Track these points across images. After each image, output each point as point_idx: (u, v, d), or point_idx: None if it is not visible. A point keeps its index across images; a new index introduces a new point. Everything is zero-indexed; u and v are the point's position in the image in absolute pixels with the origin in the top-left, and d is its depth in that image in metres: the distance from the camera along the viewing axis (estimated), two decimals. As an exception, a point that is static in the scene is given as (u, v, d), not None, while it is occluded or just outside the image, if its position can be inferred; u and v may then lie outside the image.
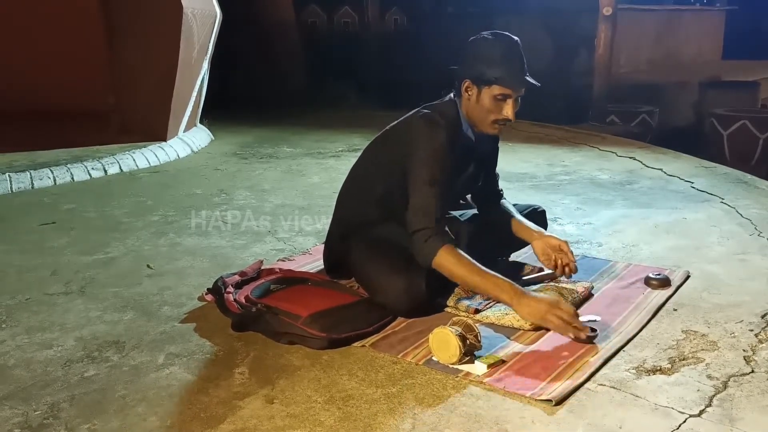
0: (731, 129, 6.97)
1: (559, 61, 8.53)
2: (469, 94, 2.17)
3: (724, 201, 3.46)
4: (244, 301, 2.16)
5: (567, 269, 2.30)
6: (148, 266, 2.71)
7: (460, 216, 2.49)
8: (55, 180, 4.14)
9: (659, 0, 10.84)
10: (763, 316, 2.11)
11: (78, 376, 1.85)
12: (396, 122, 2.32)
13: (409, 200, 2.13)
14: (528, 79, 2.13)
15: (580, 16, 7.96)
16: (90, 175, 4.30)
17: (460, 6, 9.57)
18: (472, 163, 2.34)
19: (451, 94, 2.26)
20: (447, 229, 2.12)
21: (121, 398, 1.74)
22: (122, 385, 1.81)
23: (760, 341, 1.95)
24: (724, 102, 7.66)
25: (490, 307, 2.18)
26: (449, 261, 2.05)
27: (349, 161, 2.47)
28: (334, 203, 2.47)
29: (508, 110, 2.14)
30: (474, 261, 2.06)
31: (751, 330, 2.02)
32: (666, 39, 10.64)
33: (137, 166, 4.57)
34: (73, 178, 4.21)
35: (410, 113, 2.28)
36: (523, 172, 4.26)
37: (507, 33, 2.18)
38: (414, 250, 2.11)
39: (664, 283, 2.34)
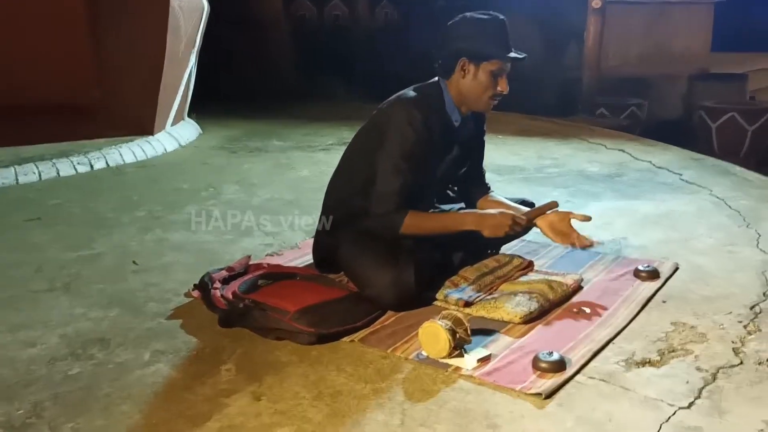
0: (720, 121, 6.99)
1: (549, 54, 8.52)
2: (464, 72, 2.20)
3: (712, 193, 3.46)
4: (231, 296, 2.13)
5: (578, 243, 2.26)
6: (133, 262, 2.67)
7: (449, 210, 2.48)
8: (40, 175, 4.09)
9: (648, -7, 10.84)
10: (751, 308, 2.11)
11: (62, 375, 1.83)
12: (379, 107, 2.32)
13: (375, 181, 2.18)
14: (519, 53, 2.22)
15: (570, 9, 7.94)
16: (76, 170, 4.25)
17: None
18: (455, 146, 2.34)
19: (435, 78, 2.28)
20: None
21: (105, 396, 1.72)
22: (107, 383, 1.78)
23: (749, 333, 1.95)
24: (712, 94, 7.67)
25: (480, 300, 2.17)
26: (416, 221, 2.18)
27: (339, 154, 2.45)
28: (323, 196, 2.44)
29: (504, 84, 2.21)
30: (436, 212, 2.19)
31: (740, 322, 2.02)
32: (655, 32, 10.65)
33: (124, 160, 4.52)
34: (58, 173, 4.16)
35: (394, 96, 2.30)
36: (513, 165, 4.25)
37: (491, 12, 2.24)
38: (379, 228, 2.19)
39: (653, 274, 2.34)
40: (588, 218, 2.29)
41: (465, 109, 2.29)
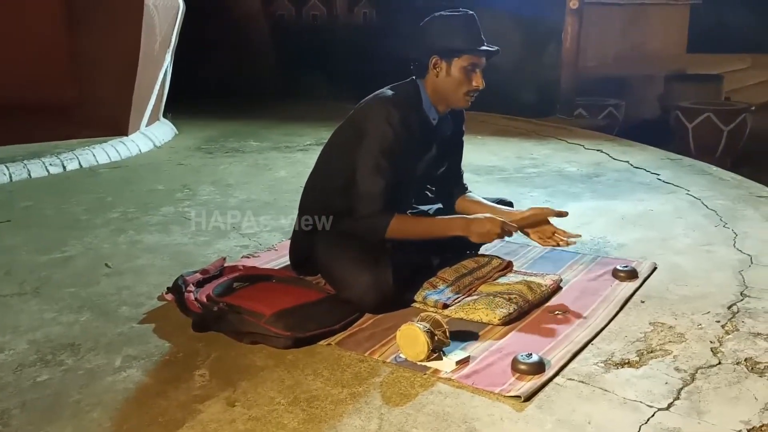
0: (696, 121, 7.06)
1: (527, 54, 8.54)
2: (437, 70, 2.20)
3: (689, 192, 3.48)
4: (205, 300, 2.09)
5: (561, 240, 2.26)
6: (106, 265, 2.62)
7: (428, 210, 2.46)
8: (10, 176, 3.99)
9: (625, -6, 10.94)
10: (729, 307, 2.11)
11: (30, 381, 1.78)
12: (356, 106, 2.30)
13: (355, 182, 2.15)
14: (490, 46, 2.20)
15: (548, 9, 7.98)
16: (48, 171, 4.16)
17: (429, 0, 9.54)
18: (434, 145, 2.32)
19: (412, 78, 2.27)
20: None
21: (75, 403, 1.67)
22: (76, 389, 1.73)
23: (727, 332, 1.95)
24: (688, 95, 7.76)
25: (459, 301, 2.16)
26: (402, 225, 2.15)
27: (317, 155, 2.41)
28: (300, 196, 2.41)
29: (478, 79, 2.19)
30: (422, 216, 2.17)
31: (718, 321, 2.02)
32: (632, 33, 10.74)
33: (97, 161, 4.44)
34: (30, 175, 4.07)
35: (371, 95, 2.28)
36: (492, 165, 4.25)
37: (461, 8, 2.23)
38: (363, 231, 2.16)
39: (632, 275, 2.34)
40: (564, 214, 2.29)
41: (442, 107, 2.28)
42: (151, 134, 5.14)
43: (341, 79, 7.74)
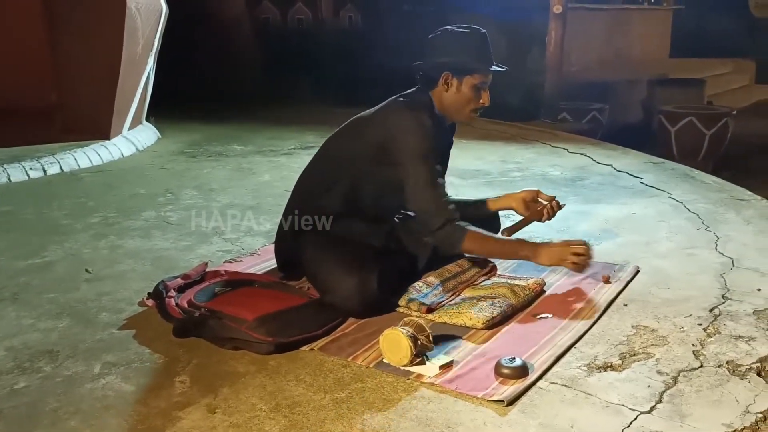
0: (678, 125, 7.12)
1: (512, 59, 8.56)
2: (448, 86, 2.23)
3: (672, 196, 3.50)
4: (186, 305, 2.07)
5: (555, 206, 2.48)
6: (86, 270, 2.58)
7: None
8: (-10, 181, 3.95)
9: (608, -1, 11.03)
10: (710, 310, 2.12)
11: (7, 389, 1.75)
12: (368, 113, 2.30)
13: (415, 192, 2.15)
14: (500, 65, 2.26)
15: (532, 14, 8.02)
16: (28, 175, 4.11)
17: (415, 4, 9.56)
18: (439, 156, 2.33)
19: (418, 87, 2.30)
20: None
21: (52, 411, 1.64)
22: (54, 397, 1.71)
23: (709, 335, 1.96)
24: (671, 99, 7.83)
25: (443, 305, 2.15)
26: (477, 243, 2.19)
27: (302, 159, 2.41)
28: (286, 202, 2.39)
29: (486, 97, 2.27)
30: (490, 233, 2.26)
31: (700, 324, 2.03)
32: (615, 37, 10.83)
33: (79, 165, 4.39)
34: (9, 179, 4.02)
35: (385, 103, 2.29)
36: (476, 169, 4.25)
37: (474, 25, 2.28)
38: (438, 242, 2.20)
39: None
40: (552, 198, 2.48)
41: (448, 120, 2.33)
42: (134, 138, 5.10)
43: (326, 83, 7.73)
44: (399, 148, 2.15)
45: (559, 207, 2.50)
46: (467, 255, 2.31)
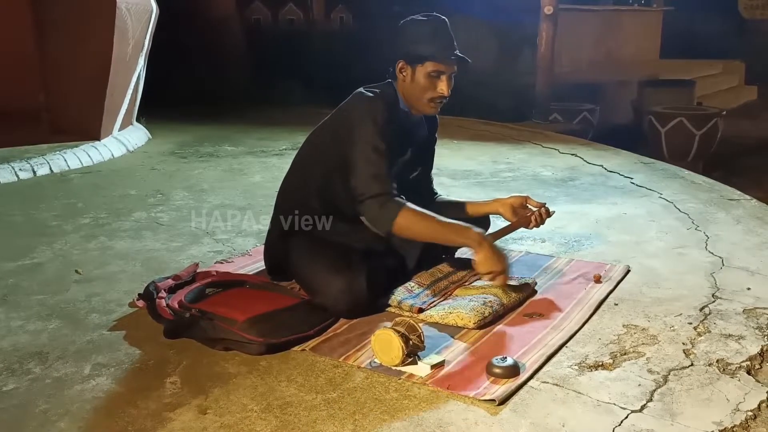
0: (669, 126, 7.16)
1: (503, 60, 8.61)
2: (403, 75, 2.19)
3: (662, 196, 3.52)
4: (177, 306, 2.06)
5: (544, 213, 2.37)
6: (76, 271, 2.57)
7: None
8: (-21, 182, 3.92)
9: (599, 0, 11.08)
10: (701, 309, 2.13)
11: (-5, 391, 1.73)
12: (339, 106, 2.28)
13: (355, 171, 2.09)
14: (458, 54, 2.17)
15: (523, 15, 8.05)
16: (17, 176, 4.08)
17: (406, 5, 9.57)
18: (409, 149, 2.31)
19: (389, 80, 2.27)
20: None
21: (42, 413, 1.63)
22: (44, 398, 1.69)
23: (699, 334, 1.97)
24: (661, 100, 7.88)
25: (434, 305, 2.15)
26: (412, 220, 2.05)
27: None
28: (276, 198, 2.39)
29: (442, 87, 2.16)
30: (432, 213, 2.08)
31: (690, 323, 2.04)
32: (606, 39, 10.89)
33: (69, 166, 4.37)
34: (-2, 180, 4.00)
35: (350, 96, 2.26)
36: (468, 170, 4.26)
37: (435, 13, 2.22)
38: (368, 217, 2.10)
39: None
40: (542, 205, 2.38)
41: (414, 111, 2.28)
42: (124, 139, 5.07)
43: (317, 84, 7.72)
44: (349, 133, 2.12)
45: (549, 214, 2.40)
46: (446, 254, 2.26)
